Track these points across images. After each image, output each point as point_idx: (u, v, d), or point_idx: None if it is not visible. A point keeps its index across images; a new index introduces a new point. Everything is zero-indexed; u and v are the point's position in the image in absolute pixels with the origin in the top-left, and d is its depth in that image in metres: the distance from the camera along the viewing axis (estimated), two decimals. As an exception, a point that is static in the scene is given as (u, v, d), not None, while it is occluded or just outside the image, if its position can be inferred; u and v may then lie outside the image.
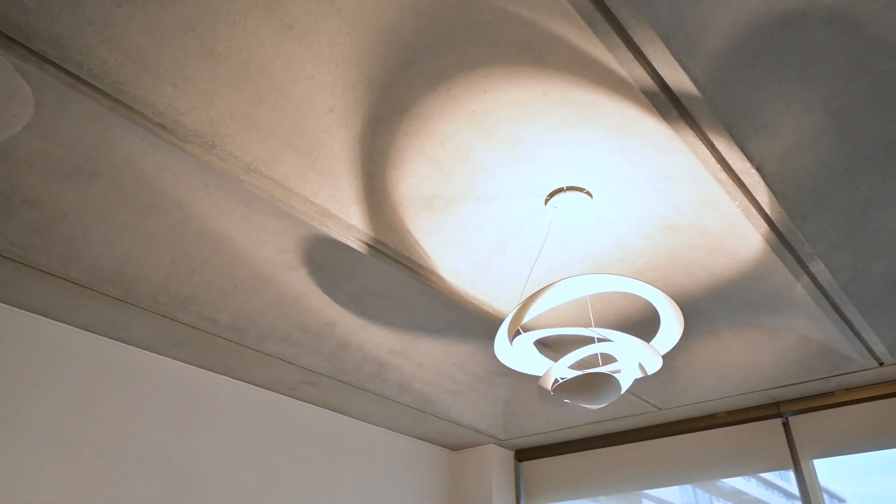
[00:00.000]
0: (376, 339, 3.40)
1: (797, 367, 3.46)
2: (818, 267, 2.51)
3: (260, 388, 3.77)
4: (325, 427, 4.06)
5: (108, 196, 2.31)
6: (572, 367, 2.30)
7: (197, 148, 2.01)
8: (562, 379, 2.11)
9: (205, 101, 1.88)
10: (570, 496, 4.56)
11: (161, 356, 3.37)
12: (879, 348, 3.20)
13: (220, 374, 3.59)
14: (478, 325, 3.27)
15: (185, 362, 3.45)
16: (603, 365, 2.26)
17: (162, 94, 1.84)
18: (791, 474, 3.72)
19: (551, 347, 3.38)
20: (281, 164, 2.11)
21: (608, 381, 1.99)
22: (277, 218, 2.43)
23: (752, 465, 3.90)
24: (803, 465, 3.72)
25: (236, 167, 2.09)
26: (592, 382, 2.00)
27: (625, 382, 2.08)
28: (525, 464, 4.87)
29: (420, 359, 3.62)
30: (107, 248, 2.53)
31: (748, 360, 3.52)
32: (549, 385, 2.13)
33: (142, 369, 3.27)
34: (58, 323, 3.01)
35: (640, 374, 2.15)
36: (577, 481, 4.55)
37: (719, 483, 4.11)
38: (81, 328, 3.07)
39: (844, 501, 3.62)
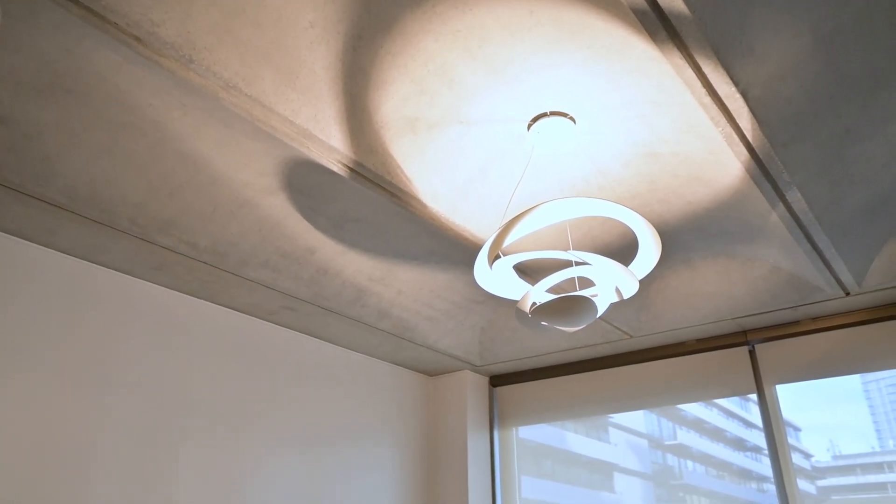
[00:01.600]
0: (356, 266, 3.42)
1: (767, 297, 3.56)
2: (794, 196, 2.55)
3: (240, 314, 3.79)
4: (306, 352, 4.12)
5: (82, 115, 2.24)
6: (550, 291, 2.35)
7: (173, 63, 1.95)
8: (540, 302, 2.15)
9: (181, 11, 1.81)
10: (541, 420, 4.73)
11: (141, 280, 3.36)
12: (847, 278, 3.31)
13: (200, 298, 3.60)
14: (457, 252, 3.30)
15: (165, 287, 3.45)
16: (580, 290, 2.31)
17: (136, 4, 1.77)
18: (753, 405, 3.88)
19: (530, 275, 3.44)
20: (260, 81, 2.06)
21: (585, 303, 2.03)
22: (257, 139, 2.39)
23: (718, 390, 4.06)
24: (766, 390, 3.89)
25: (214, 84, 2.03)
26: (569, 305, 2.04)
27: (601, 305, 2.13)
28: (499, 389, 5.02)
29: (399, 286, 3.66)
30: (83, 168, 2.48)
31: (720, 290, 3.62)
32: (527, 308, 2.17)
33: (122, 293, 3.26)
34: (37, 246, 2.97)
35: (616, 299, 2.20)
36: (549, 406, 4.70)
37: (682, 412, 4.28)
38: (61, 251, 3.04)
39: (800, 430, 3.79)
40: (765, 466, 3.71)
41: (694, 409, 4.25)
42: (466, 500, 4.49)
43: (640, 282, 3.61)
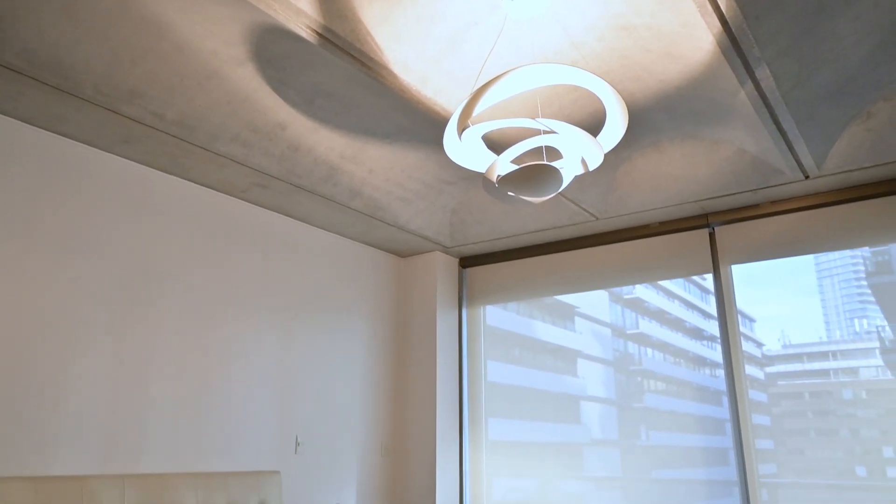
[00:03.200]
0: (327, 143, 3.41)
1: (730, 179, 3.66)
2: (763, 73, 2.58)
3: (212, 191, 3.79)
4: (278, 231, 4.17)
5: (34, -32, 2.14)
6: (517, 162, 2.39)
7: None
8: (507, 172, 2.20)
9: None
10: (509, 299, 4.92)
11: (110, 154, 3.32)
12: (808, 161, 3.40)
13: (171, 174, 3.58)
14: (428, 129, 3.30)
15: (135, 161, 3.41)
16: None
17: None
18: (713, 297, 4.06)
19: (499, 151, 3.46)
20: (224, -65, 1.98)
21: (550, 172, 2.08)
22: (221, 2, 2.31)
23: (677, 270, 4.24)
24: (722, 270, 4.07)
25: (175, -64, 1.95)
26: (535, 174, 2.09)
27: (567, 175, 2.19)
28: (468, 270, 5.17)
29: (370, 164, 3.67)
30: (39, 31, 2.39)
31: (685, 172, 3.70)
32: (494, 178, 2.22)
33: (91, 166, 3.23)
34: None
35: (581, 170, 2.26)
36: (517, 287, 4.88)
37: (645, 303, 4.47)
38: (23, 120, 2.97)
39: (754, 321, 3.99)
40: (718, 354, 3.96)
41: (656, 299, 4.44)
42: (435, 378, 4.73)
43: (608, 164, 3.67)
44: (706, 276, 4.12)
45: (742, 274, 4.00)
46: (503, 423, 4.71)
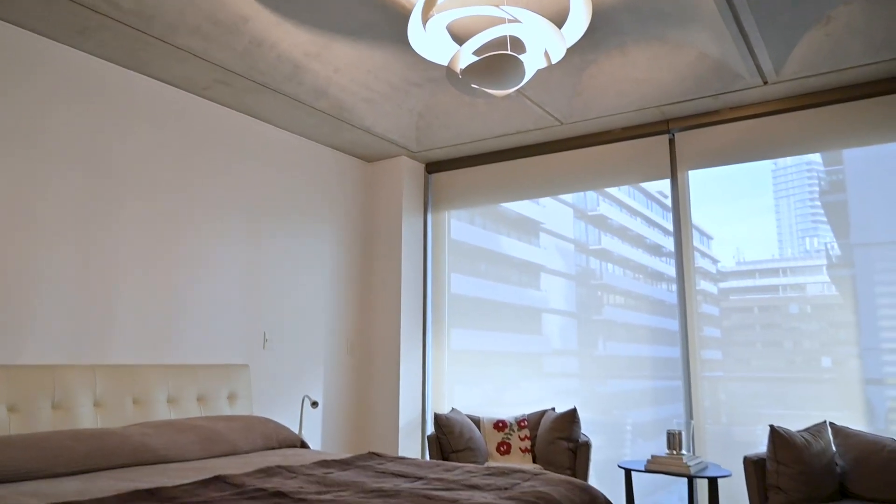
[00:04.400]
0: (291, 39, 3.36)
1: (692, 84, 3.72)
2: (724, -30, 2.60)
3: (173, 87, 3.72)
4: (243, 131, 4.13)
5: None
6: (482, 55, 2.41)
7: None
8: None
9: None
10: (473, 204, 5.01)
11: (66, 46, 3.22)
12: (767, 65, 3.47)
13: (130, 69, 3.49)
14: (394, 27, 3.26)
15: (92, 55, 3.32)
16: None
17: None
18: (670, 215, 4.19)
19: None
20: None
21: (513, 62, 2.12)
22: None
23: (637, 175, 4.35)
24: (679, 175, 4.20)
25: None
26: (498, 64, 2.12)
27: (529, 67, 2.22)
28: (434, 175, 5.22)
29: (336, 63, 3.63)
30: None
31: (649, 76, 3.74)
32: (457, 68, 2.24)
33: (47, 59, 3.13)
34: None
35: (544, 63, 2.29)
36: (482, 192, 4.96)
37: (609, 220, 4.58)
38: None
39: (712, 238, 4.13)
40: (673, 269, 4.12)
41: (619, 216, 4.55)
42: (399, 281, 4.86)
43: (573, 67, 3.69)
44: (669, 195, 4.23)
45: (703, 193, 4.11)
46: (466, 332, 4.90)
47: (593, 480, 4.24)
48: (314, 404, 4.15)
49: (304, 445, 3.60)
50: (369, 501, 2.14)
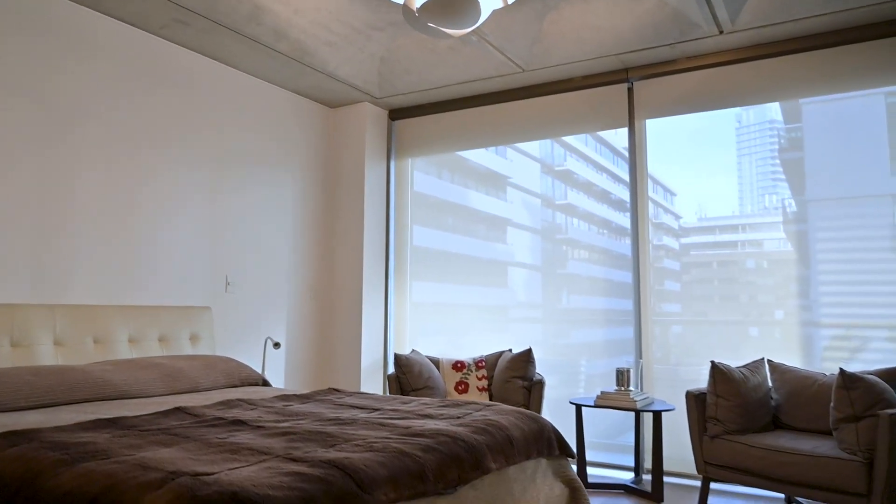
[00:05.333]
0: (249, -25, 3.30)
1: (650, 32, 3.77)
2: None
3: (129, 26, 3.64)
4: (203, 74, 4.07)
5: None
6: None
7: None
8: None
9: None
10: (436, 151, 5.04)
11: (9, -24, 3.12)
12: (723, 14, 3.53)
13: (83, 5, 3.40)
14: (354, -35, 3.22)
15: (38, -14, 3.23)
16: None
17: None
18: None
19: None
20: None
21: (469, 1, 2.14)
22: None
23: (597, 124, 4.42)
24: (637, 124, 4.28)
25: None
26: (454, 2, 2.15)
27: (485, 6, 2.25)
28: (397, 122, 5.22)
29: (296, 4, 3.58)
30: None
31: (608, 24, 3.78)
32: (414, 7, 2.26)
33: (-11, -12, 3.05)
34: None
35: (500, 3, 2.32)
36: (445, 139, 4.98)
37: (575, 175, 4.64)
38: None
39: (675, 195, 4.23)
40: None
41: (585, 171, 4.62)
42: (362, 228, 4.90)
43: (535, 13, 3.70)
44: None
45: (669, 150, 4.19)
46: (430, 285, 4.98)
47: (546, 416, 4.43)
48: (276, 345, 4.22)
49: (265, 384, 3.68)
50: (325, 427, 2.23)
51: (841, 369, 2.75)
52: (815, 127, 3.78)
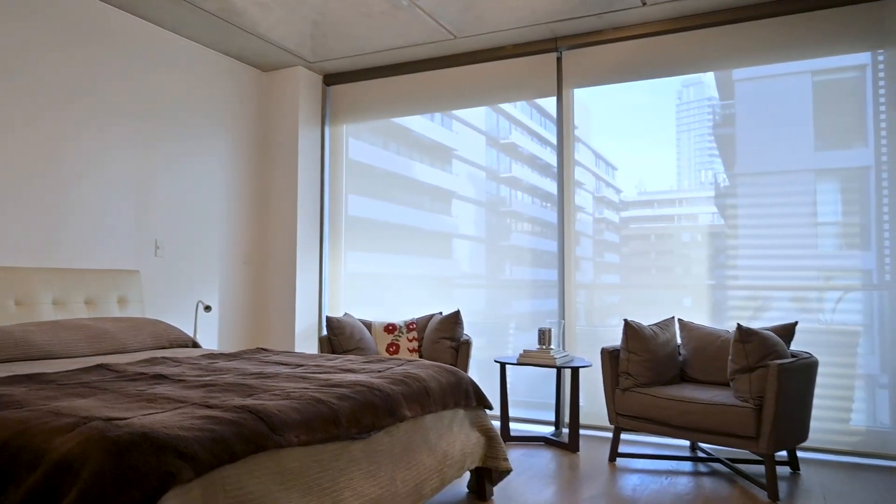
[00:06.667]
0: (172, -69, 3.23)
1: (578, 1, 3.87)
2: None
3: (45, -22, 3.53)
4: (129, 31, 3.97)
5: None
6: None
7: None
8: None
9: None
10: (372, 118, 5.06)
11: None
12: (643, -12, 3.65)
13: (-7, -47, 3.28)
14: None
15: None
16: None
17: None
18: (582, 145, 4.38)
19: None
20: None
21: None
22: None
23: (528, 92, 4.52)
24: (565, 93, 4.40)
25: None
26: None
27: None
28: (332, 88, 5.20)
29: (223, -39, 3.53)
30: None
31: (537, -7, 3.86)
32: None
33: None
34: None
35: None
36: (380, 105, 5.01)
37: (519, 148, 4.72)
38: None
39: (616, 169, 4.35)
40: (580, 197, 4.35)
41: (529, 145, 4.70)
42: (296, 194, 4.91)
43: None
44: (577, 125, 4.42)
45: (611, 125, 4.30)
46: (368, 255, 5.03)
47: (475, 375, 4.59)
48: (207, 308, 4.22)
49: (195, 346, 3.69)
50: (246, 380, 2.29)
51: (738, 324, 2.96)
52: (747, 104, 3.96)
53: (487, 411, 4.38)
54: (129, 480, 1.37)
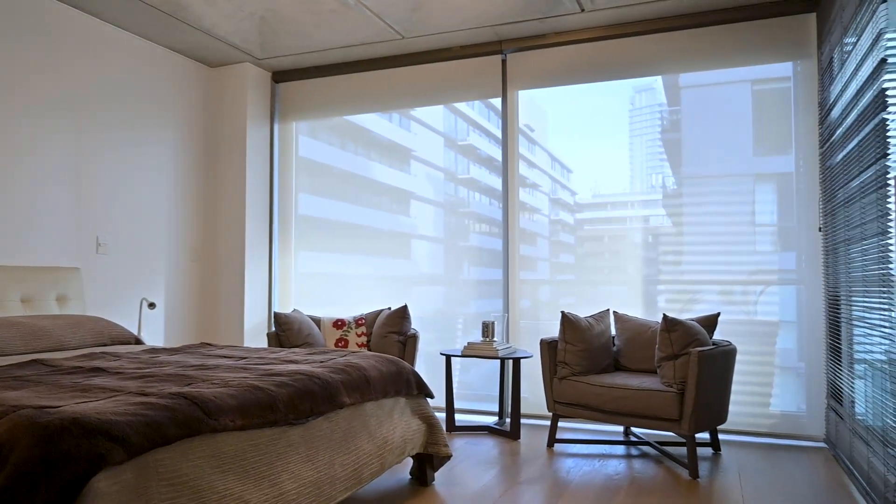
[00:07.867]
0: (113, -75, 3.22)
1: (521, 4, 3.98)
2: None
3: (-20, -31, 3.47)
4: (69, 25, 3.92)
5: None
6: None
7: None
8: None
9: None
10: (322, 116, 5.09)
11: None
12: (582, -8, 3.79)
13: (-75, -57, 3.21)
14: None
15: None
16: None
17: None
18: (538, 148, 4.50)
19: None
20: None
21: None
22: None
23: (475, 93, 4.63)
24: (510, 94, 4.52)
25: None
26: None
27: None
28: (282, 85, 5.22)
29: (166, -44, 3.53)
30: None
31: (480, -5, 3.96)
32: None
33: None
34: None
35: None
36: (329, 103, 5.05)
37: (478, 150, 4.80)
38: None
39: (571, 172, 4.47)
40: (539, 200, 4.46)
41: (487, 147, 4.78)
42: (244, 191, 4.91)
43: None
44: (534, 129, 4.53)
45: (568, 129, 4.42)
46: (321, 255, 5.06)
47: (420, 367, 4.67)
48: (151, 305, 4.20)
49: (138, 342, 3.68)
50: (186, 371, 2.33)
51: (664, 315, 3.12)
52: (692, 111, 4.14)
53: (432, 402, 4.48)
54: (57, 463, 1.41)
